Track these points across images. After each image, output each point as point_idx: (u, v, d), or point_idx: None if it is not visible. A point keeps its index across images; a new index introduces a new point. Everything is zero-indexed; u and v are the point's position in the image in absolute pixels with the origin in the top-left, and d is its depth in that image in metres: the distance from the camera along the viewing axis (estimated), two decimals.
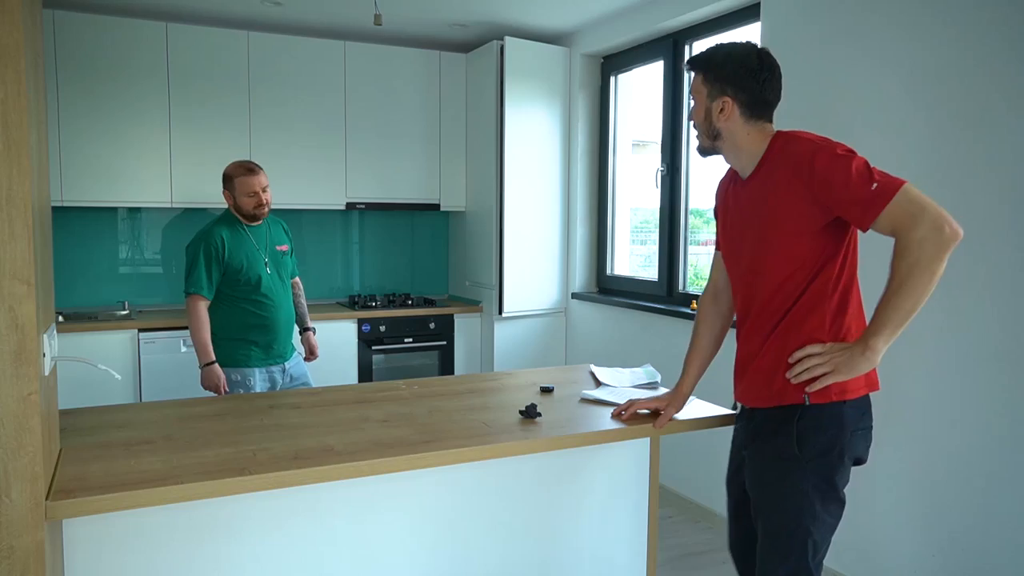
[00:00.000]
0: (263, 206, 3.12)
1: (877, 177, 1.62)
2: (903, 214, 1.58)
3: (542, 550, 2.28)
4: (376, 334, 4.50)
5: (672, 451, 3.69)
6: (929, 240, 1.57)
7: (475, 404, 2.24)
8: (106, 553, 1.75)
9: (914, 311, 1.60)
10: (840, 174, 1.64)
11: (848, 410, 1.74)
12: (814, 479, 1.74)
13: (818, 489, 1.74)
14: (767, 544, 1.82)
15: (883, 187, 1.60)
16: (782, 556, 1.79)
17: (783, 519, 1.78)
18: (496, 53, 4.48)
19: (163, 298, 4.57)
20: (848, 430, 1.74)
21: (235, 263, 3.02)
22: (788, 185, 1.73)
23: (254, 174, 3.13)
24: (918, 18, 2.54)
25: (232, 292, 3.04)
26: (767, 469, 1.81)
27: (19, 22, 1.32)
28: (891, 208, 1.59)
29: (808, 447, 1.74)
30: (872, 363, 1.66)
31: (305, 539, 1.95)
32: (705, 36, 3.78)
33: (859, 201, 1.62)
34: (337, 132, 4.57)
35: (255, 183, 3.11)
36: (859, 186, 1.62)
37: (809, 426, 1.74)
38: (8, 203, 1.34)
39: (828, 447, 1.73)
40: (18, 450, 1.40)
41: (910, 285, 1.59)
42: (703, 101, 1.84)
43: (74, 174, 3.99)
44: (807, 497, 1.74)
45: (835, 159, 1.66)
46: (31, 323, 1.39)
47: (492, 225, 4.59)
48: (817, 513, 1.75)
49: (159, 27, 4.13)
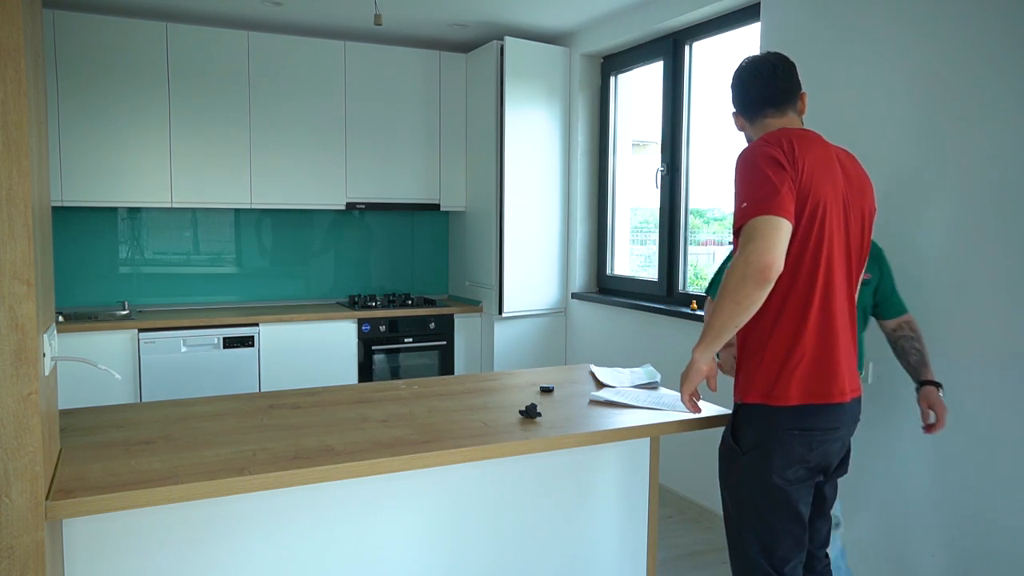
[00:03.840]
0: None
1: (753, 197, 1.71)
2: (743, 239, 1.70)
3: (542, 550, 2.28)
4: (376, 334, 4.50)
5: (672, 451, 3.69)
6: (736, 269, 1.68)
7: (475, 404, 2.24)
8: (106, 553, 1.75)
9: (724, 328, 1.72)
10: (736, 180, 1.79)
11: (781, 411, 1.79)
12: (747, 472, 1.84)
13: (757, 484, 1.82)
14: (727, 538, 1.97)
15: (748, 209, 1.71)
16: (734, 548, 1.92)
17: (728, 510, 1.92)
18: (496, 53, 4.48)
19: (163, 298, 4.57)
20: (779, 427, 1.79)
21: None
22: None
23: None
24: (918, 18, 2.54)
25: None
26: (719, 459, 1.97)
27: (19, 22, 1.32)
28: (743, 230, 1.71)
29: (741, 440, 1.86)
30: (697, 370, 1.83)
31: (305, 539, 1.95)
32: (705, 36, 3.78)
33: (735, 210, 1.77)
34: (337, 132, 4.57)
35: None
36: (738, 197, 1.76)
37: (742, 420, 1.86)
38: (8, 203, 1.35)
39: (757, 441, 1.81)
40: (18, 450, 1.40)
41: (719, 305, 1.72)
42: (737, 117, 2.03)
43: (74, 174, 4.00)
44: (744, 490, 1.85)
45: (741, 165, 1.80)
46: (31, 323, 1.39)
47: (492, 225, 4.59)
48: (760, 510, 1.82)
49: (159, 27, 4.13)
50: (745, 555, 1.86)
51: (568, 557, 2.33)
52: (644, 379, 2.57)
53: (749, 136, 1.99)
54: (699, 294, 3.83)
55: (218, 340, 4.12)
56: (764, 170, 1.72)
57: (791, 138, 1.79)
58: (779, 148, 1.75)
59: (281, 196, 4.47)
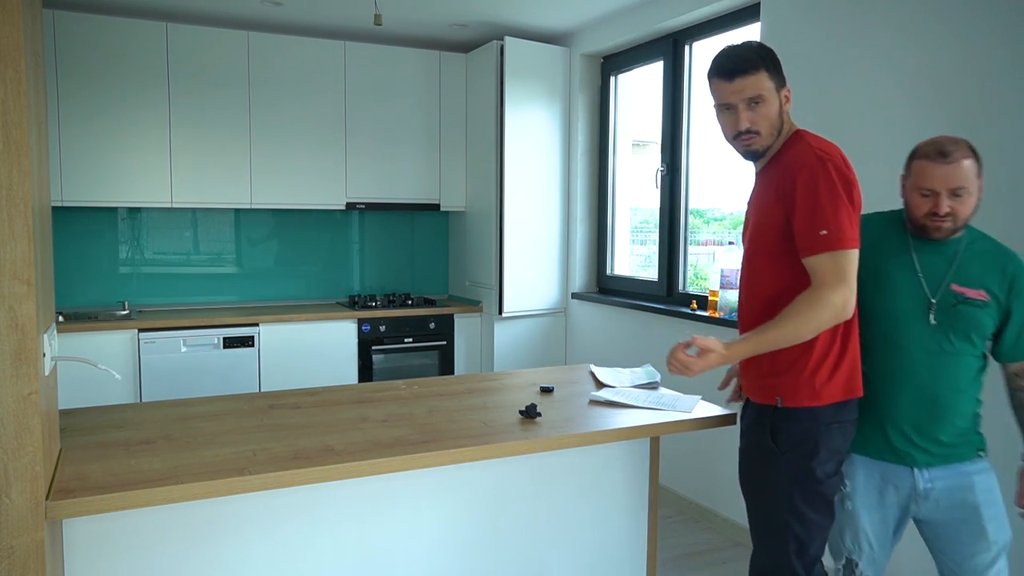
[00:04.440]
0: (944, 219, 1.79)
1: (839, 225, 1.70)
2: (828, 270, 1.70)
3: (542, 550, 2.28)
4: (376, 334, 4.50)
5: (672, 451, 3.69)
6: (833, 308, 1.70)
7: (475, 404, 2.24)
8: (106, 553, 1.75)
9: (779, 345, 1.74)
10: (808, 202, 1.72)
11: (825, 407, 1.80)
12: (789, 470, 1.80)
13: (796, 482, 1.79)
14: (754, 538, 1.91)
15: (829, 238, 1.70)
16: (764, 550, 1.87)
17: (763, 512, 1.86)
18: (496, 53, 4.48)
19: (163, 298, 4.57)
20: (822, 422, 1.79)
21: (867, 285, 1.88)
22: (778, 182, 1.80)
23: (944, 161, 1.77)
24: (917, 19, 2.54)
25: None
26: (747, 461, 1.91)
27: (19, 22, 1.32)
28: (822, 259, 1.70)
29: (781, 440, 1.81)
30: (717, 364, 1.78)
31: (305, 539, 1.95)
32: (705, 36, 3.78)
33: (805, 234, 1.73)
34: (337, 132, 4.57)
35: (939, 175, 1.78)
36: (813, 223, 1.71)
37: (782, 420, 1.81)
38: (8, 203, 1.35)
39: (802, 439, 1.79)
40: (18, 450, 1.40)
41: (789, 327, 1.71)
42: (774, 96, 1.82)
43: (74, 174, 4.00)
44: (784, 490, 1.80)
45: (816, 186, 1.73)
46: (31, 323, 1.39)
47: (492, 225, 4.59)
48: (798, 508, 1.80)
49: (159, 27, 4.13)
50: (778, 555, 1.83)
51: (568, 557, 2.33)
52: (644, 379, 2.57)
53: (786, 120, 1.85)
54: (699, 294, 3.83)
55: (218, 340, 4.12)
56: (845, 196, 1.73)
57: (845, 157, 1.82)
58: (851, 172, 1.77)
59: (281, 196, 4.47)
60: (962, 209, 1.78)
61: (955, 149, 1.76)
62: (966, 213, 1.79)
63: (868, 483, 1.91)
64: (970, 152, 1.78)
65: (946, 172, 1.76)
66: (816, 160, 1.74)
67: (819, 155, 1.75)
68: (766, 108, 1.80)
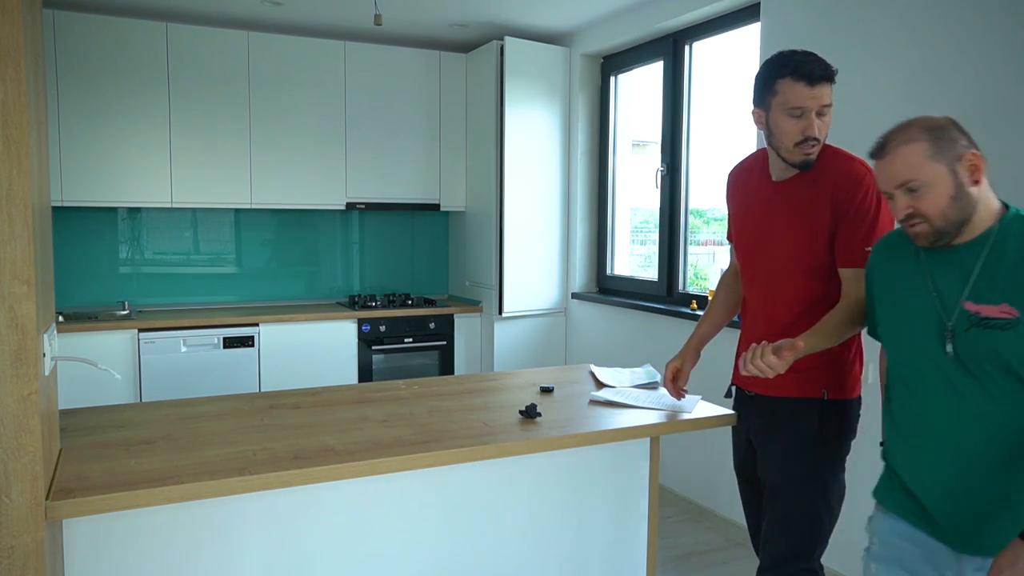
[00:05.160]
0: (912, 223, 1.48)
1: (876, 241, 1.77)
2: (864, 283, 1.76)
3: (542, 550, 2.28)
4: (376, 334, 4.50)
5: (672, 451, 3.69)
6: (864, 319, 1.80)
7: (475, 404, 2.24)
8: (106, 553, 1.75)
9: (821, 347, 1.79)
10: (862, 220, 1.82)
11: (854, 401, 1.96)
12: (831, 460, 1.91)
13: (832, 473, 1.91)
14: (774, 530, 1.94)
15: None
16: (789, 540, 1.92)
17: (798, 503, 1.91)
18: (496, 53, 4.48)
19: (163, 298, 4.57)
20: (853, 416, 1.94)
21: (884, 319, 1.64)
22: (828, 194, 1.86)
23: (881, 157, 1.50)
24: (917, 19, 2.54)
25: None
26: (788, 454, 1.94)
27: (19, 22, 1.32)
28: (860, 272, 1.77)
29: (828, 430, 1.90)
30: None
31: (305, 539, 1.95)
32: (705, 36, 3.78)
33: (849, 248, 1.83)
34: (337, 132, 4.57)
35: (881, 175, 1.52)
36: (860, 240, 1.81)
37: (831, 412, 1.90)
38: (8, 203, 1.35)
39: (838, 431, 1.91)
40: (18, 450, 1.40)
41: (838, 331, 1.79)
42: (830, 109, 1.88)
43: (74, 174, 3.99)
44: (824, 478, 1.90)
45: (870, 203, 1.82)
46: (31, 323, 1.39)
47: (492, 225, 4.59)
48: (829, 499, 1.90)
49: (159, 27, 4.13)
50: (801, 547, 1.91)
51: (568, 557, 2.33)
52: (644, 379, 2.57)
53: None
54: (699, 294, 3.83)
55: (218, 340, 4.12)
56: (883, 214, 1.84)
57: None
58: None
59: (281, 196, 4.47)
60: (927, 205, 1.41)
61: (892, 138, 1.47)
62: (937, 208, 1.40)
63: (899, 554, 1.53)
64: (917, 134, 1.44)
65: (883, 170, 1.47)
66: (871, 176, 1.82)
67: (869, 169, 1.83)
68: (829, 119, 1.88)
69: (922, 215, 1.42)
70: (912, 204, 1.42)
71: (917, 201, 1.42)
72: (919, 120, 1.47)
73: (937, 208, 1.41)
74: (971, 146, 1.43)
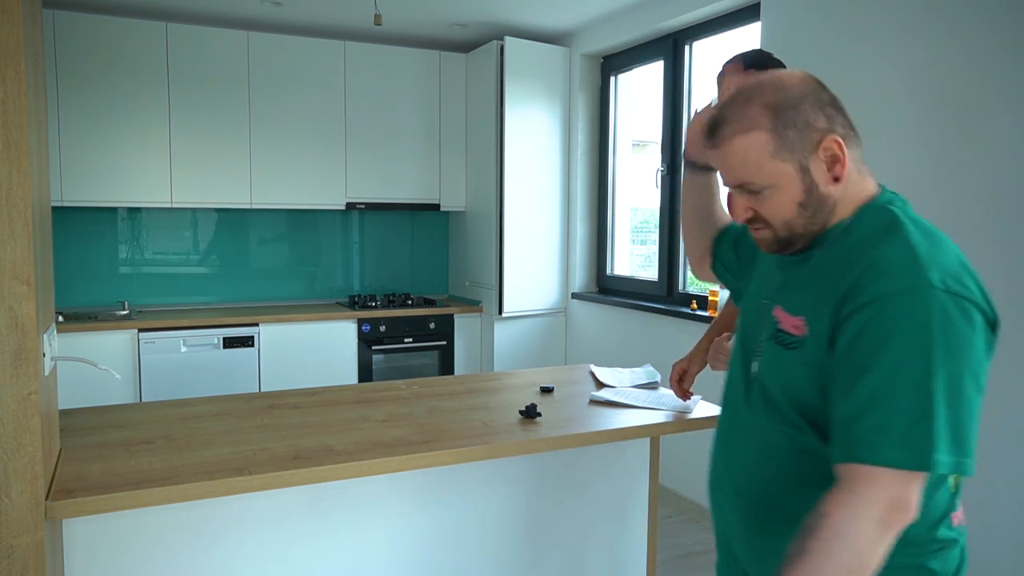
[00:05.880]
0: (754, 227, 1.24)
1: None
2: None
3: (542, 550, 2.28)
4: (376, 334, 4.50)
5: (672, 451, 3.69)
6: None
7: (475, 404, 2.24)
8: (106, 553, 1.75)
9: None
10: None
11: None
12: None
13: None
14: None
15: None
16: None
17: None
18: (496, 53, 4.48)
19: (163, 298, 4.57)
20: None
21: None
22: None
23: (710, 144, 1.19)
24: (918, 18, 2.54)
25: None
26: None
27: (19, 22, 1.32)
28: None
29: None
30: None
31: (305, 539, 1.95)
32: (705, 36, 3.78)
33: None
34: (337, 132, 4.57)
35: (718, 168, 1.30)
36: None
37: None
38: (8, 203, 1.35)
39: None
40: (18, 450, 1.40)
41: None
42: None
43: (74, 174, 3.99)
44: None
45: None
46: (31, 323, 1.39)
47: (492, 225, 4.59)
48: None
49: (159, 27, 4.13)
50: None
51: (568, 557, 2.33)
52: (644, 379, 2.57)
53: None
54: (699, 294, 3.83)
55: (218, 340, 4.12)
56: None
57: None
58: None
59: (281, 196, 4.47)
60: (769, 210, 1.12)
61: (727, 119, 1.11)
62: (780, 217, 1.11)
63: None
64: (759, 117, 1.08)
65: (717, 162, 1.16)
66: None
67: None
68: None
69: (764, 220, 1.14)
70: (752, 207, 1.13)
71: (758, 204, 1.12)
72: (764, 89, 1.10)
73: (779, 216, 1.12)
74: (831, 127, 1.10)
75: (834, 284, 1.07)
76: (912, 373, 0.97)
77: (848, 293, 1.04)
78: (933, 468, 0.96)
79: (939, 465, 0.96)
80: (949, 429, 0.96)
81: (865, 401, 0.99)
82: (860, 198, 1.14)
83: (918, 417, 0.96)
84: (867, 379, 0.99)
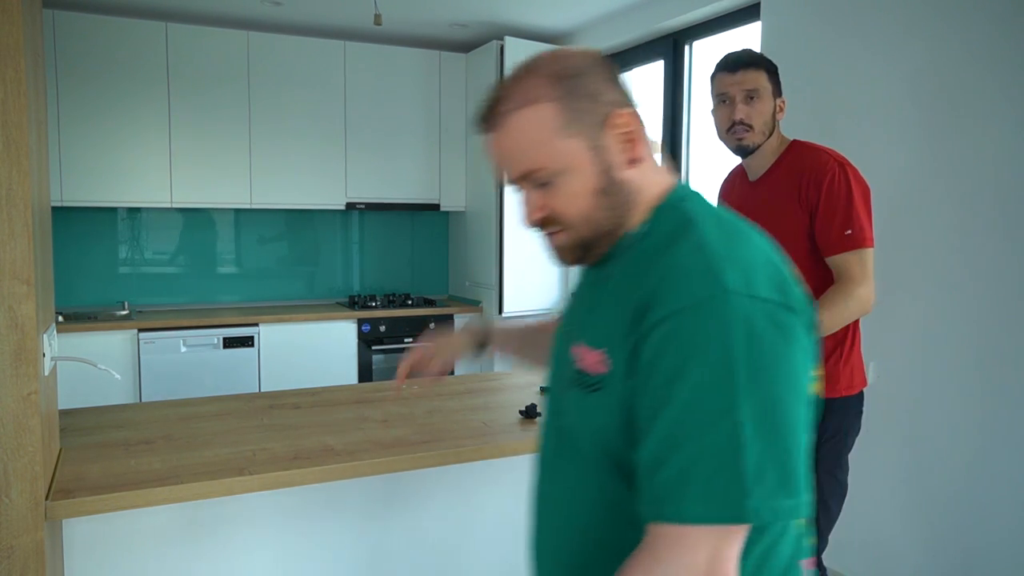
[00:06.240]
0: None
1: (857, 225, 1.80)
2: (855, 267, 1.80)
3: None
4: (376, 334, 4.50)
5: None
6: (861, 301, 1.80)
7: (475, 404, 2.24)
8: (106, 553, 1.75)
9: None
10: (834, 206, 1.82)
11: (854, 396, 1.92)
12: (825, 463, 1.87)
13: (829, 472, 1.88)
14: None
15: (854, 237, 1.80)
16: None
17: None
18: (496, 53, 4.47)
19: (163, 298, 4.57)
20: (853, 411, 1.92)
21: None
22: (798, 189, 1.87)
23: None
24: (917, 17, 2.54)
25: None
26: None
27: (19, 22, 1.32)
28: (848, 256, 1.81)
29: (823, 428, 1.87)
30: None
31: (305, 539, 1.95)
32: (705, 36, 3.78)
33: (827, 236, 1.83)
34: (337, 132, 4.57)
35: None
36: (837, 225, 1.81)
37: (824, 409, 1.86)
38: (8, 203, 1.35)
39: (835, 430, 1.88)
40: (18, 450, 1.40)
41: (825, 321, 1.77)
42: (769, 97, 1.92)
43: (74, 174, 3.99)
44: (817, 481, 1.86)
45: (840, 190, 1.82)
46: (31, 323, 1.39)
47: (492, 225, 4.59)
48: (825, 498, 1.88)
49: (159, 27, 4.13)
50: None
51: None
52: None
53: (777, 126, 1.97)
54: None
55: (218, 340, 4.11)
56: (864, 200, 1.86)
57: None
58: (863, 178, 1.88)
59: (281, 196, 4.47)
60: (563, 204, 0.93)
61: (505, 96, 0.93)
62: (577, 210, 0.92)
63: None
64: (542, 87, 0.90)
65: (495, 151, 0.97)
66: (838, 166, 1.84)
67: (840, 161, 1.86)
68: (761, 105, 1.90)
69: (559, 221, 0.94)
70: (545, 202, 0.94)
71: (552, 197, 0.93)
72: (544, 59, 0.93)
73: (577, 210, 0.92)
74: (621, 101, 0.93)
75: (626, 303, 0.87)
76: (712, 404, 0.78)
77: (641, 312, 0.84)
78: (748, 518, 0.77)
79: (756, 513, 0.77)
80: (766, 467, 0.77)
81: (663, 444, 0.80)
82: (655, 194, 0.95)
83: (724, 459, 0.77)
84: (664, 417, 0.80)
